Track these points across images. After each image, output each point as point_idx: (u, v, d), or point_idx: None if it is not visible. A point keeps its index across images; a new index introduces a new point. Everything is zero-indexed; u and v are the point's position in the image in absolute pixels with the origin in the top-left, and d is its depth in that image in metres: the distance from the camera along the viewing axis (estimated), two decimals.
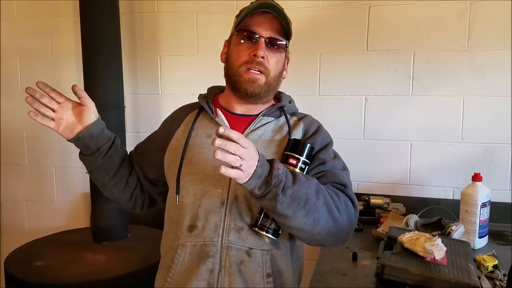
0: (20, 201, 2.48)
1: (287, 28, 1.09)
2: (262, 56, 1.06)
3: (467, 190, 1.58)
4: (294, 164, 1.01)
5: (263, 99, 1.13)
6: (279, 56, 1.11)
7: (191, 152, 1.11)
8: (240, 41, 1.09)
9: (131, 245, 2.01)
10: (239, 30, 1.09)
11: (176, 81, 2.20)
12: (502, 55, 1.83)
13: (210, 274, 1.05)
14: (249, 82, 1.07)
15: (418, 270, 1.14)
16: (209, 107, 1.14)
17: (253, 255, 1.05)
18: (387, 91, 1.96)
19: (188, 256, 1.07)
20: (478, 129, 1.89)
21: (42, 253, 1.91)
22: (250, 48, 1.07)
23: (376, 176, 2.01)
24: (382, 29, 1.94)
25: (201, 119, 1.16)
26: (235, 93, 1.12)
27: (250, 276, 1.05)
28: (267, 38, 1.07)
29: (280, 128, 1.15)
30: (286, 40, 1.11)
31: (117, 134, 1.21)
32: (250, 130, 1.12)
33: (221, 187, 1.07)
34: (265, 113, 1.14)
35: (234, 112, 1.16)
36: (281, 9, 1.07)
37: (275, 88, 1.14)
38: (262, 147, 1.10)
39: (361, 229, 1.75)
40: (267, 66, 1.08)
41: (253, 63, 1.07)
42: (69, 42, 2.29)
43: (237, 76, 1.09)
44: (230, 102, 1.16)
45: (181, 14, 2.16)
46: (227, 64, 1.13)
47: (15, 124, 2.42)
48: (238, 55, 1.09)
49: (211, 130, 1.12)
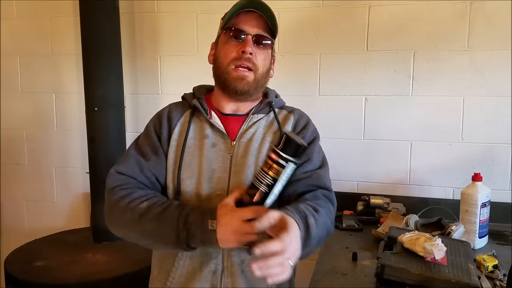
0: (20, 201, 2.48)
1: (272, 27, 1.10)
2: (250, 52, 1.07)
3: (467, 190, 1.58)
4: (274, 159, 0.95)
5: (252, 96, 1.15)
6: (266, 53, 1.13)
7: (190, 155, 1.10)
8: (227, 40, 1.11)
9: (131, 245, 1.98)
10: (226, 29, 1.11)
11: (176, 81, 2.20)
12: (502, 55, 1.83)
13: (213, 275, 1.05)
14: (238, 79, 1.09)
15: (418, 270, 1.14)
16: (203, 109, 1.14)
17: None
18: (387, 91, 1.96)
19: (189, 260, 1.07)
20: (478, 129, 1.89)
21: (42, 253, 1.92)
22: (238, 46, 1.09)
23: (376, 176, 2.01)
24: (382, 29, 1.94)
25: (196, 120, 1.15)
26: (225, 92, 1.13)
27: (252, 275, 1.05)
28: (254, 35, 1.09)
29: (271, 123, 1.16)
30: (272, 38, 1.13)
31: (117, 134, 1.20)
32: (243, 129, 1.13)
33: (220, 189, 1.07)
34: (255, 110, 1.16)
35: (224, 112, 1.17)
36: (266, 7, 1.08)
37: (263, 85, 1.16)
38: (257, 144, 1.11)
39: (361, 229, 1.75)
40: (255, 62, 1.09)
41: (242, 60, 1.08)
42: (69, 42, 2.29)
43: (226, 74, 1.10)
44: (220, 102, 1.17)
45: (181, 14, 2.16)
46: (216, 64, 1.15)
47: (15, 124, 2.42)
48: (226, 53, 1.11)
49: (207, 131, 1.13)
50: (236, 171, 1.08)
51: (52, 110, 2.36)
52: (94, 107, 1.99)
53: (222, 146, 1.11)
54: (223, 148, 1.11)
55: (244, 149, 1.11)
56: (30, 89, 2.39)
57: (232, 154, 1.10)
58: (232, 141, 1.11)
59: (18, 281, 1.70)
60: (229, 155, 1.10)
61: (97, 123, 2.00)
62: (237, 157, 1.10)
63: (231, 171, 1.08)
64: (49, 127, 2.37)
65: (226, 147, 1.11)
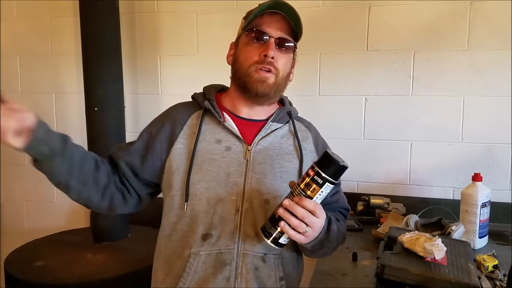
0: (20, 201, 2.48)
1: (296, 29, 1.08)
2: (272, 56, 1.05)
3: (467, 190, 1.58)
4: (313, 177, 0.91)
5: (270, 100, 1.12)
6: (288, 57, 1.10)
7: (201, 158, 1.07)
8: (249, 41, 1.08)
9: (131, 245, 2.01)
10: (248, 30, 1.08)
11: (176, 81, 2.20)
12: (502, 55, 1.83)
13: (227, 281, 1.03)
14: (259, 81, 1.06)
15: (418, 270, 1.14)
16: (216, 111, 1.10)
17: (267, 260, 1.05)
18: (387, 91, 1.96)
19: (202, 265, 1.04)
20: (478, 129, 1.89)
21: (42, 253, 1.91)
22: (260, 48, 1.06)
23: (376, 176, 2.01)
24: (382, 29, 1.94)
25: (207, 122, 1.11)
26: (244, 94, 1.10)
27: (265, 281, 1.05)
28: (277, 38, 1.06)
29: (288, 134, 1.15)
30: (294, 41, 1.10)
31: (117, 134, 1.19)
32: (260, 136, 1.11)
33: (235, 194, 1.05)
34: (274, 118, 1.14)
35: (240, 115, 1.13)
36: (292, 9, 1.06)
37: (282, 89, 1.13)
38: (274, 154, 1.10)
39: (361, 229, 1.75)
40: (277, 66, 1.07)
41: (263, 63, 1.05)
42: (69, 42, 2.29)
43: (247, 77, 1.07)
44: (235, 104, 1.13)
45: (181, 14, 2.15)
46: (235, 65, 1.11)
47: None
48: (247, 56, 1.07)
49: (220, 135, 1.10)
50: (253, 177, 1.07)
51: (52, 110, 2.36)
52: (94, 107, 1.99)
53: (237, 150, 1.08)
54: (238, 152, 1.08)
55: (262, 156, 1.09)
56: (30, 89, 2.39)
57: (248, 159, 1.08)
58: (248, 146, 1.09)
59: (18, 281, 1.70)
60: (245, 160, 1.08)
61: (97, 123, 2.00)
62: (254, 163, 1.08)
63: (246, 176, 1.06)
64: None
65: (242, 151, 1.08)
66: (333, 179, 0.90)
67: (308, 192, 0.91)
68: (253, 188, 1.06)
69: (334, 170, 0.90)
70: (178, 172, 1.07)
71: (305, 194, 0.91)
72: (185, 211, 1.05)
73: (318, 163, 0.91)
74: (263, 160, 1.09)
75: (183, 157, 1.08)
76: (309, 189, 0.91)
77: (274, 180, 1.08)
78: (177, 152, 1.09)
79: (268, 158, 1.09)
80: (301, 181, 0.92)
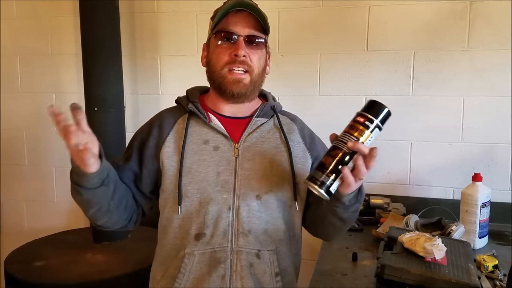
0: (20, 201, 2.48)
1: (264, 24, 1.08)
2: (244, 55, 1.06)
3: (467, 190, 1.59)
4: (360, 121, 0.95)
5: (249, 97, 1.13)
6: (260, 52, 1.11)
7: (190, 161, 1.08)
8: (218, 42, 1.09)
9: (131, 245, 2.01)
10: (216, 32, 1.10)
11: (176, 81, 2.20)
12: (502, 55, 1.83)
13: (222, 279, 1.04)
14: (234, 82, 1.07)
15: (418, 270, 1.14)
16: (200, 113, 1.12)
17: (262, 256, 1.06)
18: (387, 91, 1.96)
19: (197, 265, 1.05)
20: (478, 129, 1.89)
21: (42, 253, 1.91)
22: (230, 49, 1.07)
23: (376, 176, 2.00)
24: (382, 29, 1.94)
25: (193, 124, 1.12)
26: (221, 95, 1.11)
27: (260, 277, 1.05)
28: (245, 36, 1.07)
29: (274, 129, 1.16)
30: (265, 36, 1.11)
31: (117, 134, 1.19)
32: (247, 133, 1.12)
33: (226, 192, 1.06)
34: (258, 114, 1.14)
35: (223, 113, 1.14)
36: (255, 5, 1.07)
37: (260, 85, 1.15)
38: (262, 149, 1.10)
39: (361, 229, 1.75)
40: (250, 63, 1.08)
41: (235, 63, 1.06)
42: (69, 42, 2.29)
43: (221, 78, 1.08)
44: (217, 104, 1.15)
45: (181, 14, 2.15)
46: (209, 67, 1.13)
47: (15, 124, 2.42)
48: (218, 57, 1.08)
49: (207, 136, 1.11)
50: (243, 174, 1.07)
51: None
52: (94, 107, 1.99)
53: (225, 148, 1.09)
54: (226, 150, 1.09)
55: (251, 152, 1.10)
56: (30, 89, 2.39)
57: (237, 157, 1.09)
58: (235, 144, 1.10)
59: (18, 281, 1.70)
60: (233, 158, 1.09)
61: (97, 123, 2.00)
62: (243, 160, 1.09)
63: (236, 174, 1.07)
64: (49, 127, 2.36)
65: (230, 150, 1.09)
66: (382, 125, 0.95)
67: (361, 138, 0.93)
68: (244, 185, 1.07)
69: (383, 115, 0.96)
70: (169, 176, 1.09)
71: (358, 140, 0.93)
72: (179, 214, 1.06)
73: (366, 109, 0.95)
74: (252, 157, 1.09)
75: (172, 160, 1.09)
76: (362, 135, 0.93)
77: (264, 175, 1.08)
78: (166, 156, 1.10)
79: (257, 154, 1.10)
80: (351, 129, 0.95)
